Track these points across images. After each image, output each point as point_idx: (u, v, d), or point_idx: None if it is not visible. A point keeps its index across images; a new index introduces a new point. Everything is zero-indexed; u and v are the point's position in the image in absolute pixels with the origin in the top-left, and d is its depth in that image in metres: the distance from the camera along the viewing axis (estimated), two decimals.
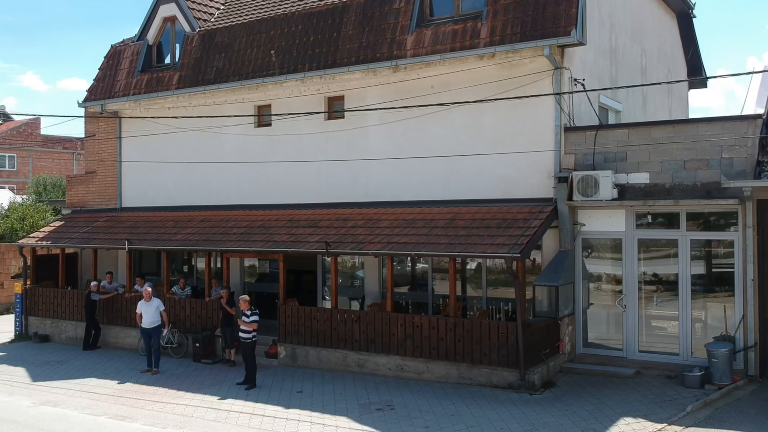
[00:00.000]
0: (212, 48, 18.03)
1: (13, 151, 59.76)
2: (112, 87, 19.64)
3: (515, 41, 13.50)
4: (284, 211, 16.78)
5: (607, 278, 13.79)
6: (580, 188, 13.02)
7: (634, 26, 17.87)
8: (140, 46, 19.53)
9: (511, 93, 14.01)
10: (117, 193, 20.29)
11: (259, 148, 17.49)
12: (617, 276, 13.53)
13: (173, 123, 18.72)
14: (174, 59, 19.17)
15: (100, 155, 20.62)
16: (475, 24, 14.10)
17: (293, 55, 16.46)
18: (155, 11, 19.42)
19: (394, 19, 15.23)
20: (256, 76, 16.84)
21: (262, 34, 17.23)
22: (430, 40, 14.56)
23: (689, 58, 22.95)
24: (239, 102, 17.68)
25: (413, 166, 15.28)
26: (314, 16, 16.53)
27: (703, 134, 12.41)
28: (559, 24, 13.14)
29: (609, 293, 13.75)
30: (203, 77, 17.79)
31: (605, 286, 13.81)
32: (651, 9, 19.37)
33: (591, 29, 14.63)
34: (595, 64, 15.09)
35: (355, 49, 15.55)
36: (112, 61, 20.08)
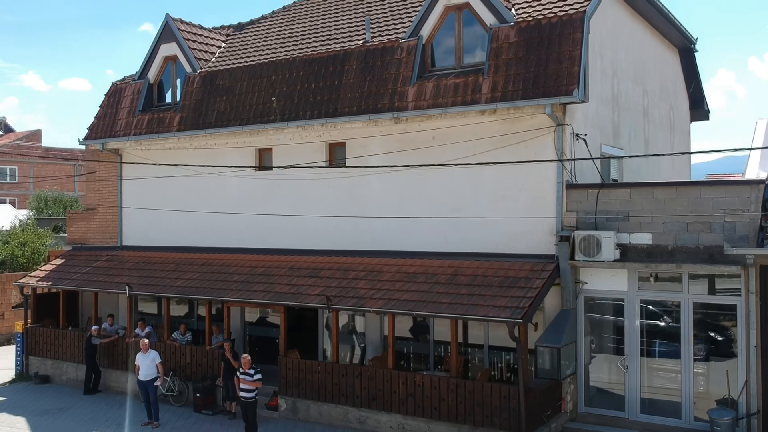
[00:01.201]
0: (213, 90, 17.98)
1: (15, 163, 59.76)
2: (112, 126, 19.60)
3: (517, 98, 13.44)
4: (285, 257, 16.74)
5: (610, 335, 13.73)
6: (582, 248, 12.97)
7: (636, 68, 17.81)
8: (141, 85, 19.49)
9: (513, 147, 13.99)
10: (118, 231, 20.24)
11: (260, 191, 17.45)
12: (619, 332, 13.47)
13: (175, 162, 18.70)
14: (175, 98, 19.13)
15: (101, 192, 20.58)
16: (477, 78, 14.04)
17: (294, 102, 16.41)
18: (156, 50, 19.38)
19: (396, 70, 15.18)
20: (258, 122, 16.79)
21: (263, 78, 17.18)
22: (432, 92, 14.51)
23: (691, 91, 22.93)
24: (240, 145, 17.65)
25: (415, 216, 15.23)
26: (315, 63, 16.48)
27: (705, 197, 12.36)
28: (561, 82, 13.08)
29: (612, 350, 13.69)
30: (204, 120, 17.75)
31: (608, 342, 13.75)
32: (653, 47, 19.32)
33: (593, 80, 14.60)
34: (597, 115, 15.03)
35: (356, 98, 15.50)
36: (112, 99, 20.04)
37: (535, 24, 13.80)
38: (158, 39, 19.31)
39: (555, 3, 14.28)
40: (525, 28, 13.88)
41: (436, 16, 15.03)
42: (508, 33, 14.02)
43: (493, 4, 14.30)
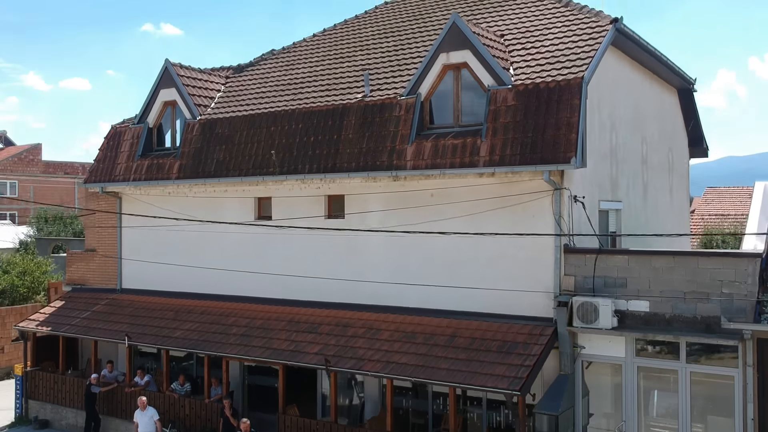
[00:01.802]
0: (213, 138, 18.02)
1: (15, 177, 59.86)
2: (112, 169, 19.64)
3: (514, 163, 13.48)
4: (284, 308, 16.78)
5: (608, 398, 13.75)
6: (580, 315, 13.01)
7: (634, 117, 17.86)
8: (140, 129, 19.54)
9: (511, 208, 14.05)
10: (117, 273, 20.29)
11: (259, 239, 17.50)
12: (617, 395, 13.50)
13: (174, 208, 18.77)
14: (174, 143, 19.17)
15: (101, 234, 20.63)
16: (475, 141, 14.07)
17: (293, 155, 16.45)
18: (156, 95, 19.42)
19: (394, 127, 15.21)
20: (257, 173, 16.83)
21: (262, 129, 17.22)
22: (430, 152, 14.54)
23: (690, 129, 22.99)
24: (240, 194, 17.71)
25: (413, 271, 15.28)
26: (314, 116, 16.52)
27: (703, 267, 12.40)
28: (559, 149, 13.12)
29: (610, 413, 13.72)
30: (204, 168, 17.79)
31: (606, 405, 13.78)
32: (652, 92, 19.36)
33: (591, 137, 14.62)
34: (595, 172, 15.06)
35: (355, 153, 15.54)
36: (112, 142, 20.09)
37: (533, 88, 13.83)
38: (158, 84, 19.35)
39: (553, 65, 14.31)
40: (523, 91, 13.91)
41: (434, 75, 15.07)
42: (506, 96, 14.05)
43: (491, 66, 14.33)
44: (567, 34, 15.43)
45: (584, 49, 14.48)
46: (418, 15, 20.22)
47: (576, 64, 13.97)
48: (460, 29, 14.68)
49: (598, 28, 15.14)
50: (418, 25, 19.31)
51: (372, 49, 18.90)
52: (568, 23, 16.01)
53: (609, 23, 15.14)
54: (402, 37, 18.93)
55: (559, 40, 15.28)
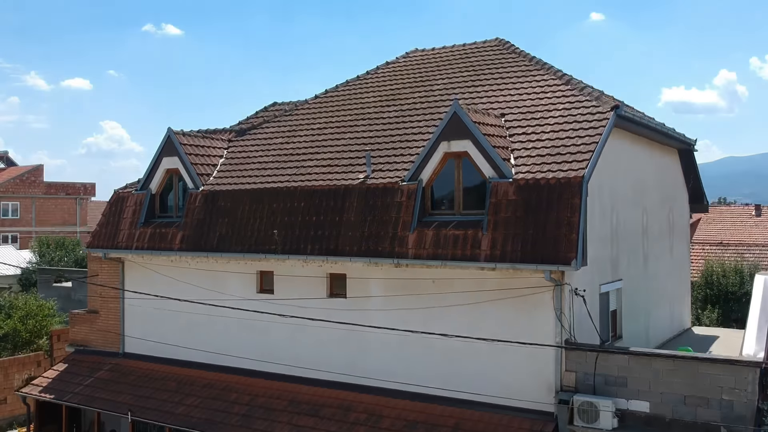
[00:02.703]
0: (215, 211, 18.11)
1: (16, 199, 60.01)
2: (115, 236, 19.74)
3: (515, 260, 13.57)
4: (286, 384, 16.85)
5: None
6: (581, 414, 13.09)
7: (635, 190, 17.95)
8: (143, 196, 19.63)
9: (512, 300, 14.13)
10: (120, 336, 20.39)
11: (260, 313, 17.55)
12: None
13: (177, 275, 18.87)
14: (177, 211, 19.25)
15: (103, 296, 20.73)
16: (476, 233, 14.15)
17: (295, 234, 16.54)
18: (158, 162, 19.52)
19: (396, 213, 15.29)
20: (259, 250, 16.92)
21: (264, 205, 17.30)
22: (432, 242, 14.62)
23: (690, 186, 23.09)
24: (242, 268, 17.79)
25: (415, 356, 15.37)
26: (316, 195, 16.61)
27: (703, 372, 12.47)
28: (560, 249, 13.19)
29: None
30: (206, 242, 17.87)
31: None
32: (652, 159, 19.46)
33: (592, 224, 14.68)
34: (595, 258, 15.10)
35: (357, 237, 15.62)
36: (115, 207, 20.19)
37: (534, 183, 13.91)
38: (160, 151, 19.46)
39: (554, 157, 14.39)
40: (524, 186, 13.99)
41: (435, 162, 15.17)
42: (507, 189, 14.13)
43: (492, 158, 14.42)
44: (568, 120, 15.52)
45: (584, 140, 14.56)
46: (419, 80, 20.31)
47: (577, 159, 14.04)
48: (461, 119, 14.77)
49: (598, 115, 15.23)
50: (419, 94, 19.40)
51: (373, 119, 18.99)
52: (569, 105, 16.11)
53: (610, 110, 15.23)
54: (404, 106, 19.01)
55: (559, 127, 15.37)
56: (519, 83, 18.05)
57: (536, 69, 18.44)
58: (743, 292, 35.91)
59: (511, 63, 19.36)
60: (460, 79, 19.50)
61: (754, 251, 41.35)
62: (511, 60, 19.55)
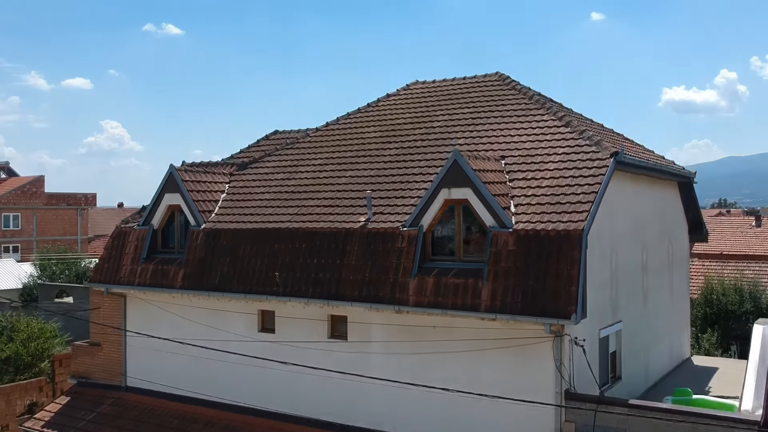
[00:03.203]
0: (217, 249, 18.20)
1: (17, 210, 60.12)
2: (117, 271, 19.84)
3: (516, 312, 13.66)
4: (287, 425, 16.95)
5: None
6: None
7: (635, 228, 18.04)
8: (145, 232, 19.73)
9: (513, 349, 14.22)
10: (122, 369, 20.49)
11: (261, 350, 17.65)
12: None
13: (178, 311, 18.97)
14: (179, 247, 19.35)
15: (105, 330, 20.83)
16: (477, 282, 14.25)
17: (297, 276, 16.64)
18: (160, 198, 19.62)
19: (397, 259, 15.38)
20: (261, 291, 17.03)
21: (266, 245, 17.40)
22: (432, 290, 14.72)
23: (690, 216, 23.18)
24: (243, 307, 17.87)
25: (414, 402, 15.44)
26: (318, 237, 16.70)
27: (702, 429, 12.56)
28: (559, 303, 13.28)
29: None
30: (208, 281, 17.97)
31: None
32: (651, 195, 19.55)
33: (591, 269, 14.76)
34: (595, 303, 15.17)
35: (357, 282, 15.72)
36: (117, 241, 20.29)
37: (534, 234, 14.00)
38: (162, 188, 19.56)
39: (554, 206, 14.47)
40: (524, 236, 14.09)
41: (436, 208, 15.26)
42: (507, 239, 14.22)
43: (492, 207, 14.51)
44: (568, 166, 15.61)
45: (584, 188, 14.65)
46: (420, 116, 20.42)
47: (576, 210, 14.13)
48: (461, 167, 14.86)
49: (598, 162, 15.32)
50: (420, 131, 19.50)
51: (374, 156, 19.09)
52: (569, 150, 16.20)
53: (609, 156, 15.33)
54: (405, 144, 19.12)
55: (559, 173, 15.46)
56: (519, 123, 18.14)
57: (536, 108, 18.54)
58: (743, 311, 36.11)
59: (511, 100, 19.46)
60: (460, 115, 19.60)
61: (753, 268, 41.43)
62: (511, 97, 19.65)
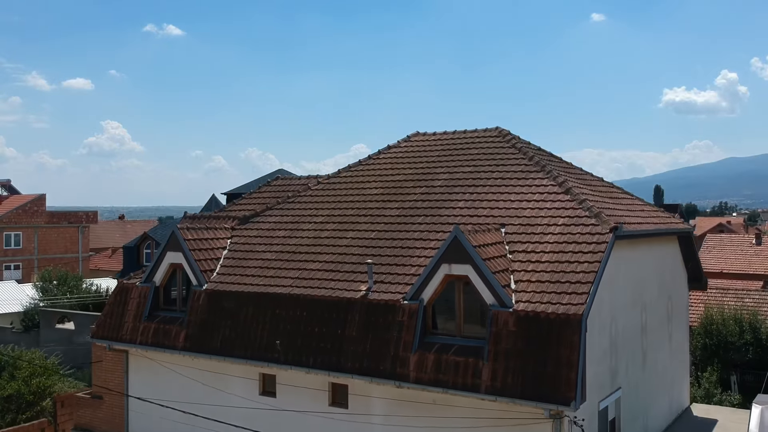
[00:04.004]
0: (219, 312, 18.29)
1: (19, 229, 60.22)
2: (119, 327, 19.93)
3: (516, 396, 13.75)
4: None
5: None
6: None
7: (634, 290, 18.14)
8: (148, 289, 19.80)
9: (512, 429, 14.32)
10: (124, 424, 20.59)
11: (262, 415, 17.76)
12: None
13: (180, 370, 19.06)
14: (181, 305, 19.44)
15: (107, 383, 20.94)
16: (477, 362, 14.34)
17: (298, 343, 16.73)
18: (163, 256, 19.71)
19: (397, 333, 15.48)
20: (262, 358, 17.12)
21: (267, 310, 17.50)
22: (433, 366, 14.81)
23: (689, 266, 23.28)
24: (244, 371, 17.97)
25: None
26: (319, 305, 16.79)
27: None
28: (559, 388, 13.37)
29: None
30: (210, 343, 18.05)
31: None
32: (651, 253, 19.65)
33: (591, 341, 14.84)
34: (595, 376, 15.27)
35: (358, 353, 15.81)
36: (119, 297, 20.38)
37: (534, 316, 14.09)
38: (165, 246, 19.65)
39: (554, 285, 14.57)
40: (524, 318, 14.18)
41: (436, 283, 15.35)
42: (507, 319, 14.32)
43: (492, 285, 14.60)
44: (567, 239, 15.71)
45: (584, 267, 14.75)
46: (421, 173, 20.52)
47: (576, 291, 14.22)
48: (461, 244, 14.96)
49: (598, 237, 15.42)
50: (421, 190, 19.61)
51: (375, 215, 19.20)
52: (568, 221, 16.30)
53: (609, 231, 15.42)
54: (406, 204, 19.23)
55: (559, 247, 15.55)
56: (519, 186, 18.24)
57: (536, 171, 18.64)
58: (743, 342, 36.21)
59: (511, 160, 19.56)
60: (460, 174, 19.70)
61: (753, 296, 41.51)
62: (511, 156, 19.75)
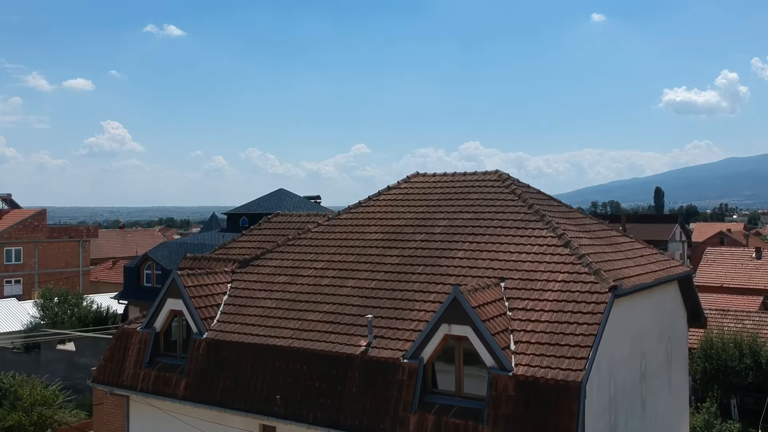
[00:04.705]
0: (219, 362, 18.33)
1: (20, 244, 60.28)
2: (120, 373, 19.97)
3: None
4: None
5: None
6: None
7: (633, 340, 18.18)
8: (148, 335, 19.85)
9: None
10: None
11: None
12: None
13: (181, 417, 19.11)
14: (181, 351, 19.49)
15: (108, 426, 21.00)
16: (477, 426, 14.40)
17: (298, 397, 16.78)
18: (163, 302, 19.75)
19: (397, 392, 15.53)
20: (262, 411, 17.17)
21: (267, 363, 17.54)
22: (432, 428, 14.85)
23: (689, 305, 23.32)
24: (245, 422, 17.99)
25: None
26: (319, 359, 16.83)
27: None
28: None
29: None
30: (210, 394, 18.09)
31: None
32: (650, 300, 19.66)
33: (590, 402, 14.86)
34: None
35: (358, 411, 15.86)
36: (120, 342, 20.43)
37: (533, 381, 14.14)
38: (165, 293, 19.70)
39: (553, 347, 14.62)
40: (523, 383, 14.22)
41: (436, 342, 15.41)
42: (507, 384, 14.36)
43: (491, 347, 14.65)
44: (567, 298, 15.78)
45: (583, 328, 14.81)
46: (421, 218, 20.57)
47: (575, 356, 14.27)
48: (461, 305, 15.01)
49: (597, 297, 15.47)
50: (421, 237, 19.65)
51: (375, 263, 19.26)
52: (567, 277, 16.36)
53: (608, 290, 15.48)
54: (406, 251, 19.28)
55: (559, 306, 15.62)
56: (518, 236, 18.30)
57: (535, 220, 18.69)
58: (743, 366, 36.29)
59: (511, 207, 19.63)
60: (460, 222, 19.75)
61: (753, 318, 41.55)
62: (511, 203, 19.81)
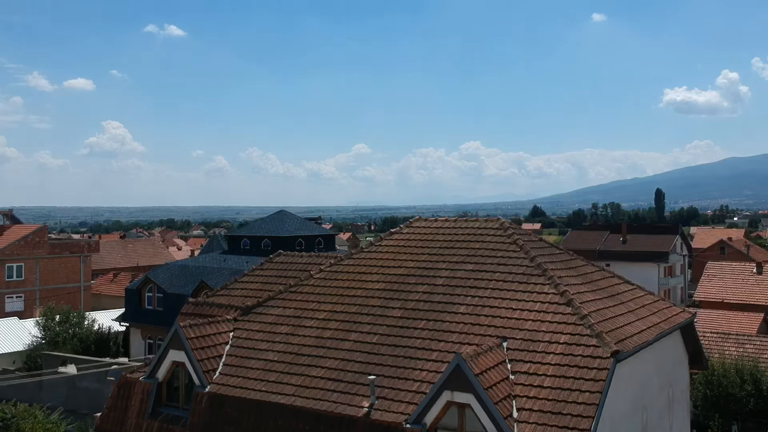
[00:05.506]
0: (221, 417, 18.39)
1: (21, 260, 60.33)
2: (122, 423, 20.00)
3: None
4: None
5: None
6: None
7: (635, 394, 18.21)
8: (150, 386, 19.89)
9: None
10: None
11: None
12: None
13: None
14: (183, 402, 19.53)
15: None
16: None
17: None
18: (165, 353, 19.79)
19: None
20: None
21: (269, 420, 17.59)
22: None
23: (690, 349, 23.34)
24: None
25: None
26: (321, 420, 16.88)
27: None
28: None
29: None
30: None
31: None
32: (652, 352, 19.65)
33: None
34: None
35: None
36: (123, 390, 20.46)
37: None
38: (168, 344, 19.73)
39: (555, 417, 14.67)
40: None
41: (439, 407, 15.43)
42: None
43: (494, 417, 14.66)
44: (569, 362, 15.81)
45: (585, 397, 14.86)
46: (423, 268, 20.59)
47: (578, 426, 14.31)
48: (463, 372, 15.04)
49: (599, 362, 15.50)
50: (423, 289, 19.69)
51: (377, 315, 19.30)
52: (569, 339, 16.39)
53: (610, 356, 15.51)
54: (408, 304, 19.31)
55: (561, 371, 15.65)
56: (521, 293, 18.33)
57: (537, 274, 18.73)
58: (744, 393, 36.33)
59: (513, 259, 19.66)
60: (462, 273, 19.78)
61: (755, 342, 41.59)
62: (513, 254, 19.84)
